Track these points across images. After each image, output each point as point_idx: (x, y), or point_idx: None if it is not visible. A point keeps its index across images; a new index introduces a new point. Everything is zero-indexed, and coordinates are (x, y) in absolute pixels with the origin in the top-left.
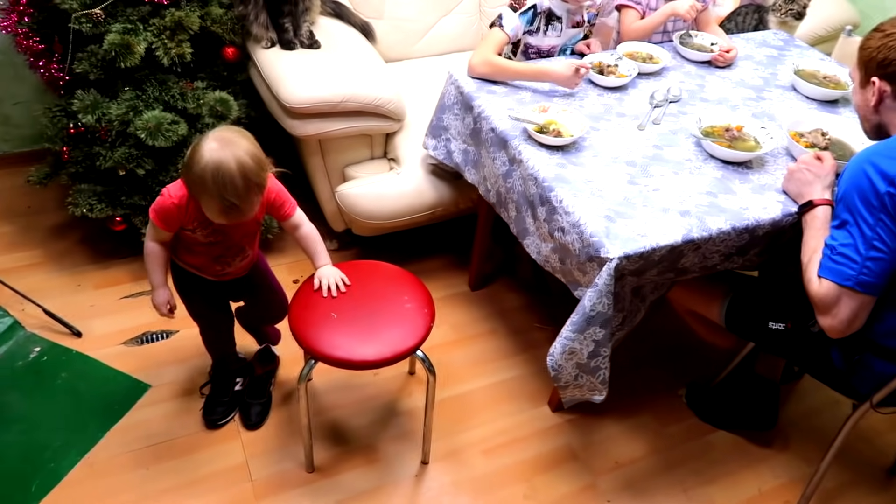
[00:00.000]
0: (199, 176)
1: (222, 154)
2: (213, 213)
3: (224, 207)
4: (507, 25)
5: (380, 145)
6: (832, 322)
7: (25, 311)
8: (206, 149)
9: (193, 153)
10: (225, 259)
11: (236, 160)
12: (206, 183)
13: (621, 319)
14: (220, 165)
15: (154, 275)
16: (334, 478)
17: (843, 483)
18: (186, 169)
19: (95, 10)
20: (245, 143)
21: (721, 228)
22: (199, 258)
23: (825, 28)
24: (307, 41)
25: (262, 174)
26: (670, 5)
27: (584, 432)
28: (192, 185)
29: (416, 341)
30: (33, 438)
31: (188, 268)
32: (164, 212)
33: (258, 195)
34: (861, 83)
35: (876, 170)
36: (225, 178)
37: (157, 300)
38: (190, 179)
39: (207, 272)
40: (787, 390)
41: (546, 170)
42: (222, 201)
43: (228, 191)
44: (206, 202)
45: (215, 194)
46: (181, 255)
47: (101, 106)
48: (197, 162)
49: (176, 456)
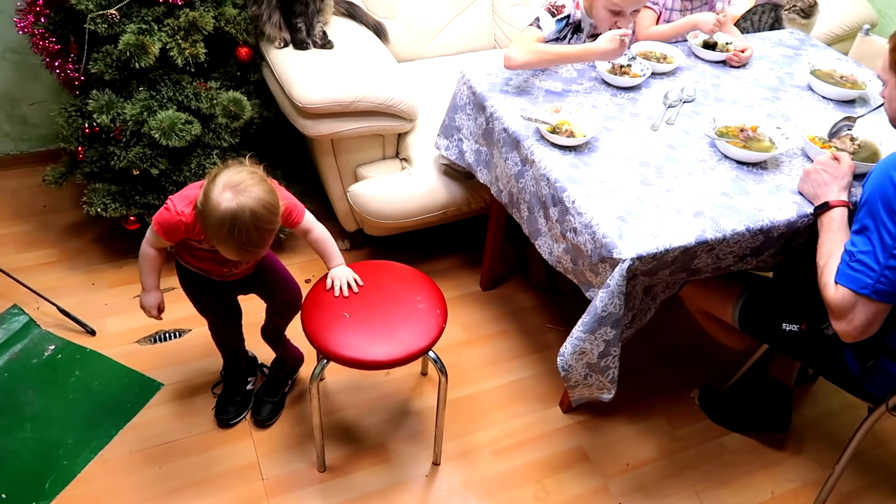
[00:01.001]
0: (216, 228)
1: (235, 205)
2: (229, 254)
3: (239, 252)
4: (544, 27)
5: (392, 145)
6: (847, 328)
7: (40, 310)
8: (220, 200)
9: (207, 203)
10: (231, 263)
11: (251, 212)
12: (221, 235)
13: (631, 318)
14: (235, 220)
15: (147, 277)
16: (345, 477)
17: (858, 487)
18: (200, 216)
19: (111, 10)
20: (257, 189)
21: (735, 229)
22: (205, 263)
23: (842, 27)
24: (320, 41)
25: (275, 220)
26: (693, 18)
27: (595, 433)
28: (208, 231)
29: (429, 342)
30: (47, 436)
31: (193, 269)
32: (169, 226)
33: (271, 236)
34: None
35: None
36: (241, 231)
37: (146, 302)
38: (205, 227)
39: (213, 274)
40: (801, 392)
41: (558, 170)
42: (238, 248)
43: (244, 241)
44: (223, 247)
45: (232, 244)
46: (185, 257)
47: (116, 106)
48: (211, 214)
49: (188, 454)
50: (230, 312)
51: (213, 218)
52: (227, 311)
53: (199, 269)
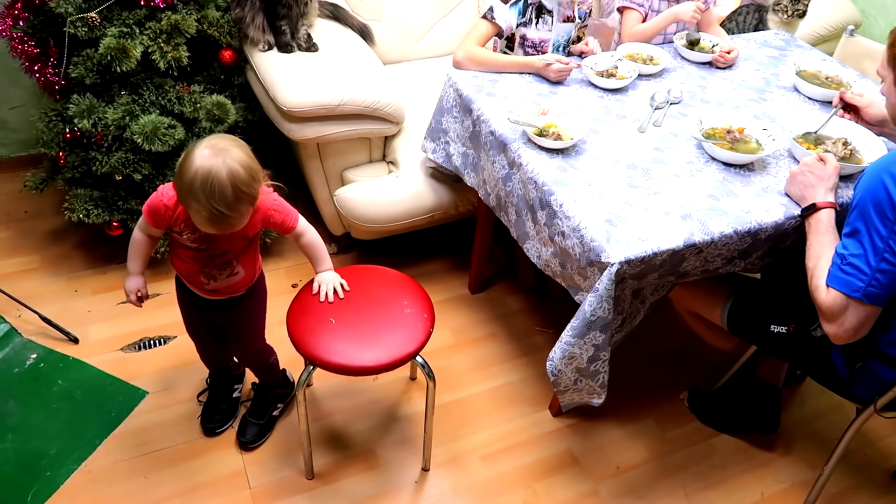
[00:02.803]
0: (189, 182)
1: (214, 161)
2: (201, 222)
3: (212, 216)
4: (498, 18)
5: (378, 148)
6: (838, 330)
7: (22, 318)
8: (197, 155)
9: (185, 159)
10: (209, 271)
11: (227, 169)
12: (194, 189)
13: (620, 321)
14: (209, 173)
15: (132, 262)
16: (334, 484)
17: (846, 487)
18: (177, 175)
19: (91, 13)
20: (238, 152)
21: (723, 232)
22: (187, 265)
23: (826, 27)
24: (305, 44)
25: (254, 185)
26: (673, 10)
27: (585, 437)
28: (181, 191)
29: (416, 347)
30: (30, 446)
31: (180, 275)
32: (153, 209)
33: (248, 206)
34: (895, 81)
35: (894, 180)
36: (214, 186)
37: (128, 286)
38: (180, 185)
39: (195, 284)
40: (789, 393)
41: (546, 173)
42: (210, 209)
43: (216, 199)
44: (195, 209)
45: (203, 201)
46: (174, 260)
47: (98, 110)
48: (187, 169)
49: (174, 463)
50: (215, 337)
51: (188, 174)
52: (212, 335)
53: (183, 275)
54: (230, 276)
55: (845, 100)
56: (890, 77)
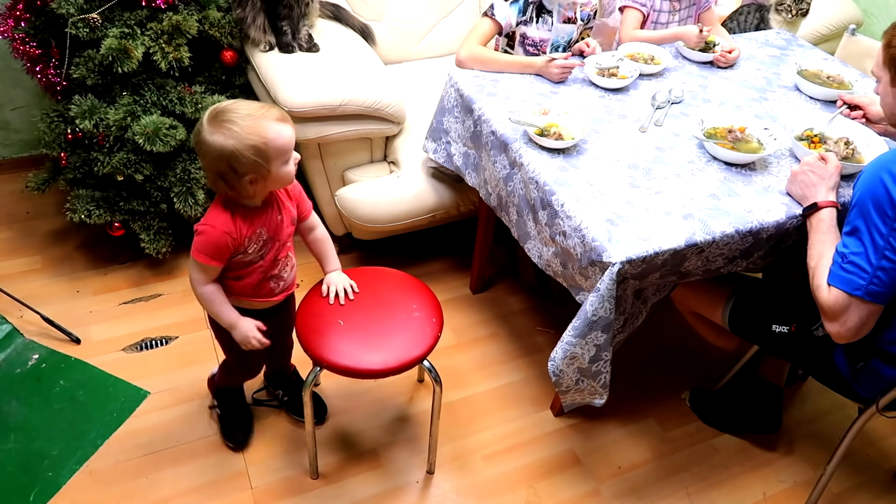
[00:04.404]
0: (250, 157)
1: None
2: (282, 175)
3: (287, 158)
4: (498, 15)
5: (380, 148)
6: (840, 329)
7: (24, 318)
8: (223, 135)
9: (227, 152)
10: (278, 273)
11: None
12: (260, 156)
13: (622, 322)
14: (250, 129)
15: (225, 314)
16: (335, 485)
17: (849, 487)
18: (231, 168)
19: (92, 14)
20: (240, 104)
21: (724, 232)
22: (252, 278)
23: (828, 27)
24: (306, 44)
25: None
26: (681, 30)
27: (586, 437)
28: (254, 171)
29: (423, 351)
30: (32, 447)
31: (244, 296)
32: (214, 246)
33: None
34: (892, 81)
35: (893, 178)
36: (264, 132)
37: (242, 334)
38: (245, 169)
39: (263, 294)
40: (791, 393)
41: (547, 173)
42: (283, 153)
43: (281, 138)
44: (276, 169)
45: (277, 156)
46: (231, 286)
47: (99, 111)
48: (236, 150)
49: (176, 464)
50: (276, 341)
51: (243, 152)
52: (275, 340)
53: (245, 296)
54: (292, 269)
55: (846, 101)
56: (886, 77)
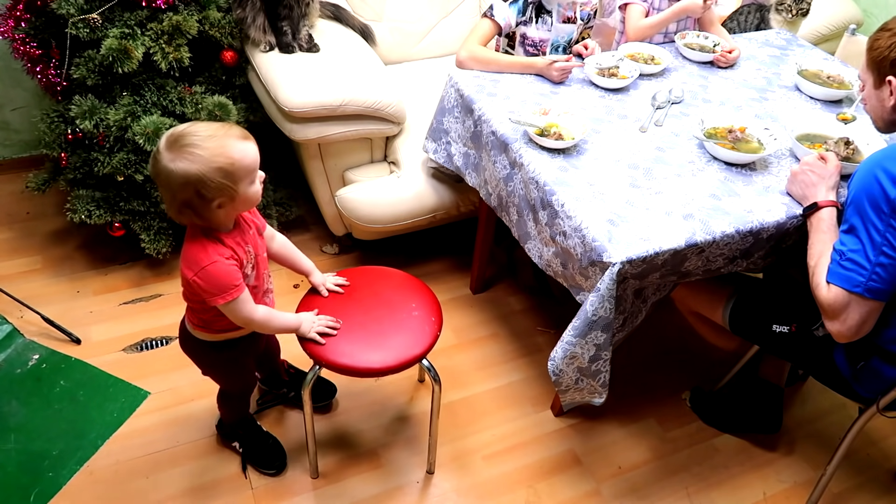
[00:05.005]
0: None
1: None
2: (248, 196)
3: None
4: (497, 15)
5: (380, 149)
6: (840, 328)
7: (24, 318)
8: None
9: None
10: (266, 288)
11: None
12: (222, 176)
13: (622, 321)
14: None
15: (286, 321)
16: (336, 485)
17: (849, 487)
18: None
19: (93, 14)
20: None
21: (725, 232)
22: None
23: (828, 27)
24: (306, 44)
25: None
26: (681, 5)
27: (586, 437)
28: (220, 191)
29: (423, 350)
30: (32, 447)
31: (229, 335)
32: (227, 274)
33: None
34: (875, 84)
35: (887, 175)
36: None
37: (308, 326)
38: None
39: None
40: (791, 392)
41: (547, 173)
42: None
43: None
44: (244, 190)
45: (244, 175)
46: (219, 325)
47: (99, 111)
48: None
49: (176, 464)
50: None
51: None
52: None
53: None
54: (271, 281)
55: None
56: (870, 80)
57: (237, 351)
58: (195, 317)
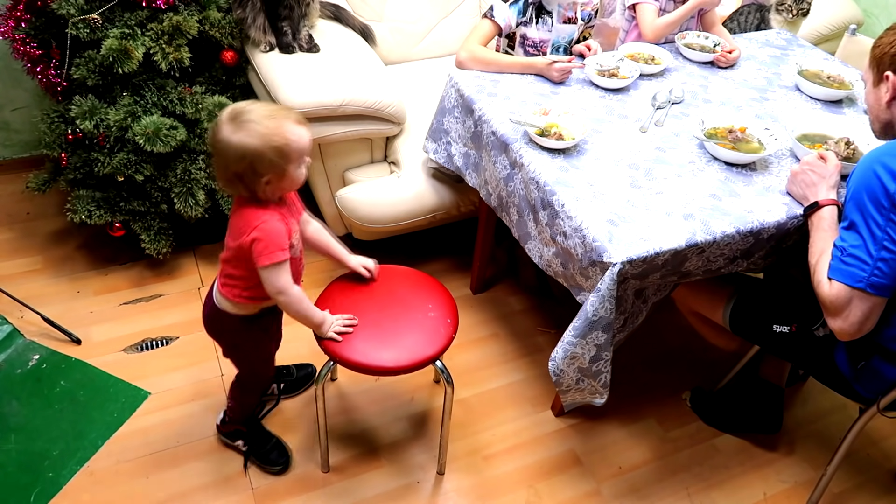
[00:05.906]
0: (270, 155)
1: (259, 125)
2: (295, 176)
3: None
4: (497, 16)
5: (380, 149)
6: (843, 325)
7: (24, 319)
8: (241, 135)
9: (251, 152)
10: (303, 261)
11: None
12: (280, 155)
13: (623, 321)
14: (270, 129)
15: (313, 311)
16: (336, 485)
17: (849, 487)
18: (252, 168)
19: (93, 15)
20: (258, 105)
21: (725, 232)
22: (296, 275)
23: (828, 27)
24: (306, 45)
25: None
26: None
27: (587, 437)
28: (272, 170)
29: (436, 351)
30: (32, 447)
31: (263, 304)
32: (278, 235)
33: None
34: (874, 82)
35: (886, 170)
36: (281, 132)
37: (329, 325)
38: (265, 169)
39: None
40: (792, 393)
41: (547, 173)
42: (301, 155)
43: (302, 140)
44: (293, 171)
45: (296, 157)
46: (258, 293)
47: (100, 111)
48: (254, 150)
49: (177, 464)
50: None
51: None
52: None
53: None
54: (304, 266)
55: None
56: (870, 79)
57: (262, 327)
58: (232, 290)
